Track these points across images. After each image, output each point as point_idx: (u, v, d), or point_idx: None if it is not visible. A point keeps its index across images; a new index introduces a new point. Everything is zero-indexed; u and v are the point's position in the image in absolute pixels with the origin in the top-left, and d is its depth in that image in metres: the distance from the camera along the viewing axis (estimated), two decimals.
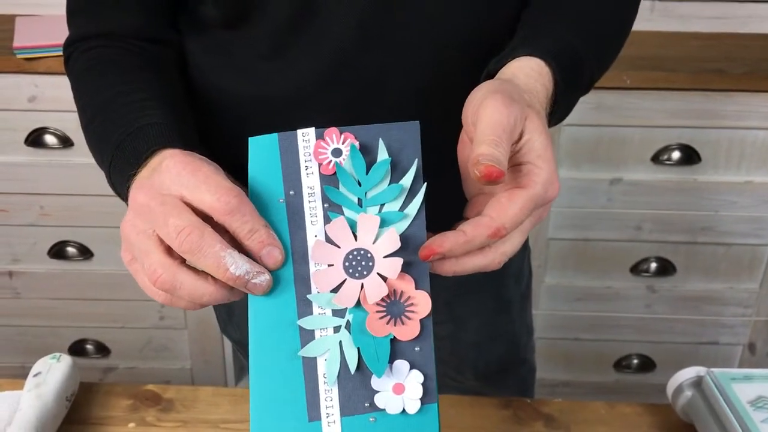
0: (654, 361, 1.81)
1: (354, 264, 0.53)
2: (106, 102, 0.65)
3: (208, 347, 1.81)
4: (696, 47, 1.63)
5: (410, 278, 0.53)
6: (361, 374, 0.52)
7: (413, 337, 0.52)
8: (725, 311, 1.75)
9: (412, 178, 0.54)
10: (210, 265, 0.52)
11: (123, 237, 0.56)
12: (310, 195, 0.54)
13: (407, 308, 0.52)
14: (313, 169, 0.54)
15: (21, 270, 1.72)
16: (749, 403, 0.73)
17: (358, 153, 0.54)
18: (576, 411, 0.82)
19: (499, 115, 0.53)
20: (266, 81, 0.71)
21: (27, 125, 1.56)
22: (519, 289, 0.95)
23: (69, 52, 0.72)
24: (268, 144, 0.55)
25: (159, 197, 0.53)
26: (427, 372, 0.52)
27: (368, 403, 0.52)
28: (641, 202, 1.62)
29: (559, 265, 1.70)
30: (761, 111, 1.53)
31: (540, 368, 1.14)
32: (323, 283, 0.53)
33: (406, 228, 0.53)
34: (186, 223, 0.52)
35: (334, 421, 0.52)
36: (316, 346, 0.52)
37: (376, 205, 0.54)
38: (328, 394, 0.52)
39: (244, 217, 0.52)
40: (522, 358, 1.00)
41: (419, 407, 0.51)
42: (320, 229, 0.54)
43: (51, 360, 0.81)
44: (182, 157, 0.55)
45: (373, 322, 0.52)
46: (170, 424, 0.80)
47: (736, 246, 1.67)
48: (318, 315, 0.53)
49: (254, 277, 0.52)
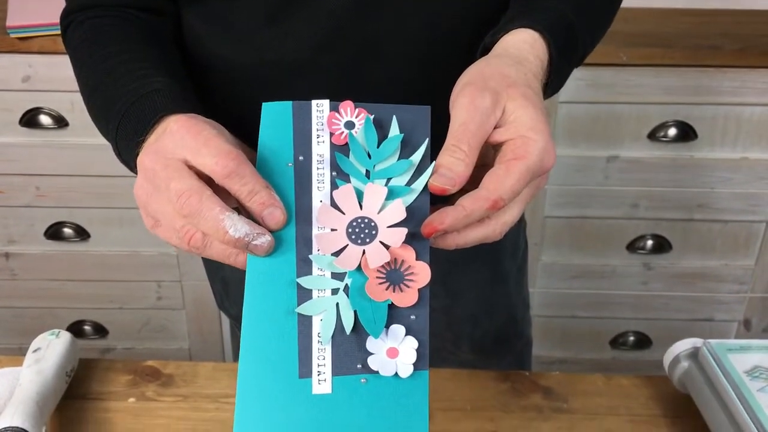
0: (650, 337, 1.82)
1: (357, 231, 0.53)
2: (107, 71, 0.65)
3: (206, 327, 1.82)
4: (691, 24, 1.63)
5: (411, 249, 0.54)
6: (356, 336, 0.53)
7: (411, 305, 0.53)
8: (721, 288, 1.75)
9: (422, 155, 0.55)
10: (210, 227, 0.52)
11: (139, 203, 0.57)
12: (319, 162, 0.55)
13: (407, 277, 0.53)
14: (324, 138, 0.56)
15: (18, 251, 1.72)
16: (745, 373, 0.74)
17: (372, 126, 0.55)
18: (574, 383, 0.83)
19: (465, 113, 0.54)
20: (264, 47, 0.71)
21: (21, 105, 1.55)
22: (515, 262, 0.95)
23: (66, 24, 0.72)
24: (282, 110, 0.56)
25: (163, 161, 0.54)
26: (422, 339, 0.53)
27: (361, 365, 0.52)
28: (637, 179, 1.62)
29: (556, 242, 1.71)
30: (757, 87, 1.53)
31: (537, 346, 1.14)
32: (325, 246, 0.53)
33: (411, 201, 0.54)
34: (186, 187, 0.52)
35: (325, 379, 0.52)
36: (313, 306, 0.53)
37: (383, 178, 0.55)
38: (321, 353, 0.52)
39: (243, 179, 0.53)
40: (519, 332, 1.00)
41: (411, 372, 0.52)
42: (326, 194, 0.55)
43: (50, 336, 0.81)
44: (186, 120, 0.55)
45: (373, 286, 0.53)
46: (170, 398, 0.81)
47: (732, 223, 1.67)
48: (317, 276, 0.53)
49: (255, 238, 0.52)
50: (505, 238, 0.92)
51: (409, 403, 0.52)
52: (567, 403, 0.81)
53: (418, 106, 0.57)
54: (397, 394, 0.52)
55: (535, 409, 0.80)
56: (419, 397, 0.52)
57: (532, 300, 1.65)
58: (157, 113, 0.58)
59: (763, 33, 1.58)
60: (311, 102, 0.56)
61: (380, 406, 0.52)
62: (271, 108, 0.56)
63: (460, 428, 0.77)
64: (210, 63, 0.75)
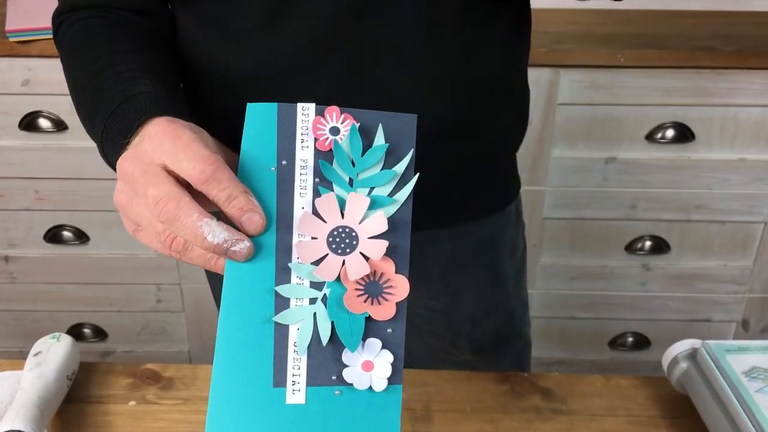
0: (649, 338, 1.82)
1: (338, 241, 0.53)
2: (96, 73, 0.66)
3: (206, 330, 1.82)
4: (688, 26, 1.63)
5: (391, 261, 0.53)
6: (332, 347, 0.52)
7: (388, 318, 0.53)
8: (719, 288, 1.76)
9: (405, 166, 0.55)
10: (188, 234, 0.52)
11: (119, 208, 0.57)
12: (302, 167, 0.55)
13: (385, 290, 0.53)
14: (308, 143, 0.55)
15: (17, 255, 1.72)
16: (744, 374, 0.74)
17: (358, 134, 0.54)
18: (573, 384, 0.83)
19: None
20: (260, 49, 0.71)
21: (21, 109, 1.55)
22: (514, 263, 0.96)
23: (58, 24, 0.73)
24: (267, 112, 0.55)
25: (141, 166, 0.54)
26: (397, 353, 0.53)
27: (335, 376, 0.52)
28: (636, 180, 1.62)
29: (555, 244, 1.71)
30: (753, 88, 1.53)
31: (536, 347, 1.15)
32: (305, 254, 0.53)
33: (393, 213, 0.54)
34: (163, 193, 0.52)
35: (299, 389, 0.52)
36: (290, 314, 0.53)
37: (366, 187, 0.54)
38: (296, 363, 0.52)
39: (221, 185, 0.52)
40: (518, 332, 1.00)
41: (386, 386, 0.52)
42: (308, 201, 0.54)
43: (51, 340, 0.81)
44: (166, 124, 0.55)
45: (352, 298, 0.53)
46: (170, 401, 0.81)
47: (730, 223, 1.68)
48: (296, 284, 0.53)
49: (233, 244, 0.52)
50: (504, 239, 0.94)
51: (382, 417, 0.52)
52: (566, 404, 0.81)
53: (404, 114, 0.56)
54: (371, 408, 0.52)
55: (534, 410, 0.80)
56: (392, 411, 0.52)
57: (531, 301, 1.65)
58: (142, 115, 0.58)
59: (758, 34, 1.59)
60: (297, 105, 0.55)
61: (353, 418, 0.52)
62: (256, 109, 0.56)
63: (459, 429, 0.78)
64: (206, 66, 0.75)
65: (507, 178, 0.92)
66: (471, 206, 0.87)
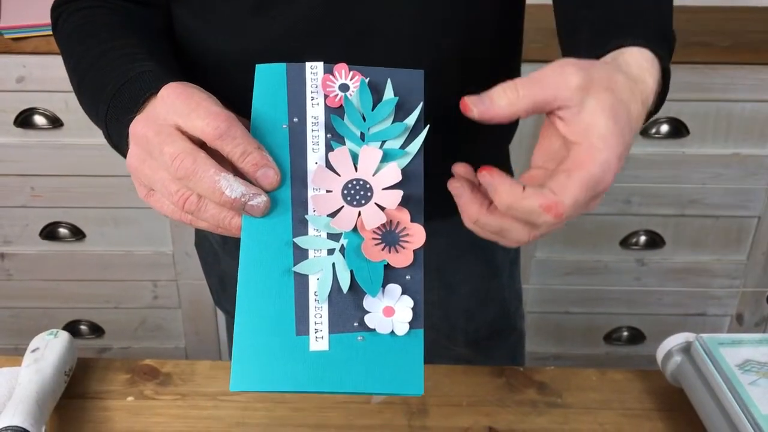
0: (643, 332, 1.83)
1: (353, 193, 0.54)
2: (97, 58, 0.66)
3: (202, 326, 1.82)
4: (681, 21, 1.62)
5: (406, 211, 0.54)
6: (353, 295, 0.53)
7: (406, 265, 0.53)
8: (713, 283, 1.77)
9: (416, 118, 0.56)
10: (206, 189, 0.52)
11: (131, 171, 0.57)
12: (313, 124, 0.56)
13: (402, 238, 0.54)
14: (318, 100, 0.56)
15: (13, 252, 1.72)
16: (737, 367, 0.74)
17: (367, 89, 0.55)
18: (568, 378, 0.84)
19: (548, 73, 0.53)
20: (251, 36, 0.72)
21: (16, 106, 1.55)
22: (508, 255, 0.96)
23: (57, 15, 0.73)
24: (276, 72, 0.56)
25: (155, 127, 0.54)
26: (417, 299, 0.53)
27: (357, 323, 0.53)
28: (630, 175, 1.63)
29: (549, 239, 1.72)
30: (747, 83, 1.54)
31: (531, 341, 1.15)
32: (321, 207, 0.54)
33: (406, 164, 0.55)
34: (179, 150, 0.52)
35: (322, 336, 0.52)
36: (309, 265, 0.53)
37: (377, 141, 0.55)
38: (318, 311, 0.53)
39: (235, 140, 0.53)
40: (512, 325, 1.01)
41: (408, 330, 0.53)
42: (321, 156, 0.55)
43: (48, 336, 0.82)
44: (176, 86, 0.56)
45: (369, 247, 0.53)
46: (168, 397, 0.81)
47: (724, 218, 1.69)
48: (313, 236, 0.54)
49: (251, 198, 0.52)
50: None
51: (405, 361, 0.52)
52: (561, 397, 0.81)
53: (412, 70, 0.57)
54: (393, 352, 0.52)
55: (529, 403, 0.81)
56: (415, 354, 0.52)
57: (526, 296, 1.66)
58: (148, 91, 0.58)
59: (752, 29, 1.60)
60: (305, 64, 0.56)
61: (376, 363, 0.52)
62: (265, 70, 0.56)
63: (455, 423, 0.78)
64: (200, 56, 0.75)
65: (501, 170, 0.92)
66: None
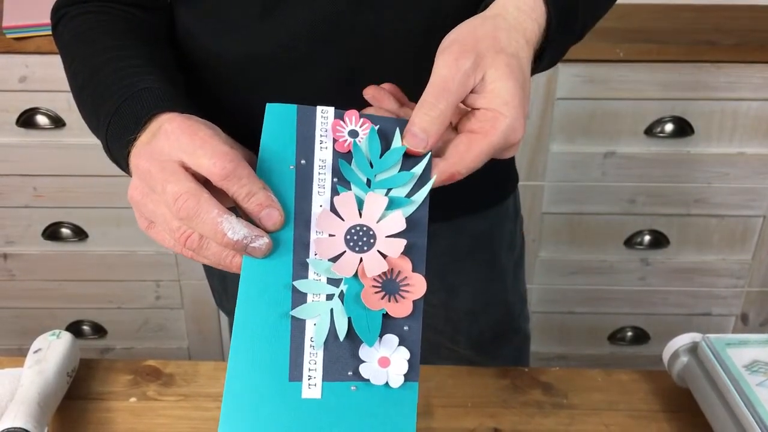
0: (648, 333, 1.82)
1: (356, 239, 0.54)
2: (99, 67, 0.65)
3: (205, 326, 1.82)
4: (687, 19, 1.63)
5: (408, 260, 0.54)
6: (349, 343, 0.53)
7: (405, 316, 0.53)
8: (718, 282, 1.76)
9: (423, 168, 0.55)
10: (208, 230, 0.52)
11: (133, 204, 0.57)
12: (321, 167, 0.55)
13: (402, 287, 0.53)
14: (327, 144, 0.56)
15: (15, 252, 1.72)
16: (744, 367, 0.74)
17: (377, 136, 0.55)
18: (573, 379, 0.83)
19: (447, 71, 0.55)
20: (258, 41, 0.71)
21: (18, 106, 1.55)
22: (512, 257, 0.96)
23: (58, 17, 0.73)
24: (286, 113, 0.56)
25: (159, 163, 0.54)
26: (414, 350, 0.53)
27: (352, 372, 0.52)
28: (635, 175, 1.62)
29: (554, 239, 1.71)
30: (752, 82, 1.53)
31: (535, 341, 1.15)
32: (323, 250, 0.53)
33: (411, 213, 0.55)
34: (183, 189, 0.52)
35: (315, 384, 0.52)
36: (307, 309, 0.53)
37: (383, 188, 0.55)
38: (312, 357, 0.52)
39: (241, 181, 0.53)
40: (516, 327, 1.00)
41: (402, 383, 0.52)
42: (326, 199, 0.55)
43: (51, 337, 0.81)
44: (181, 120, 0.55)
45: (369, 295, 0.53)
46: (171, 398, 0.81)
47: (729, 217, 1.68)
48: (313, 280, 0.53)
49: (253, 240, 0.52)
50: (502, 233, 0.93)
51: (398, 413, 0.52)
52: (567, 398, 0.81)
53: None
54: (387, 404, 0.52)
55: (535, 404, 0.80)
56: (408, 407, 0.52)
57: (530, 296, 1.65)
58: (149, 111, 0.58)
59: (758, 28, 1.59)
60: (316, 108, 0.56)
61: (369, 414, 0.52)
62: (276, 110, 0.56)
63: (460, 424, 0.78)
64: (203, 59, 0.75)
65: (504, 171, 0.92)
66: (468, 200, 0.86)
